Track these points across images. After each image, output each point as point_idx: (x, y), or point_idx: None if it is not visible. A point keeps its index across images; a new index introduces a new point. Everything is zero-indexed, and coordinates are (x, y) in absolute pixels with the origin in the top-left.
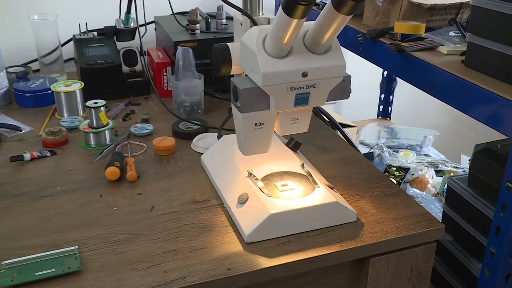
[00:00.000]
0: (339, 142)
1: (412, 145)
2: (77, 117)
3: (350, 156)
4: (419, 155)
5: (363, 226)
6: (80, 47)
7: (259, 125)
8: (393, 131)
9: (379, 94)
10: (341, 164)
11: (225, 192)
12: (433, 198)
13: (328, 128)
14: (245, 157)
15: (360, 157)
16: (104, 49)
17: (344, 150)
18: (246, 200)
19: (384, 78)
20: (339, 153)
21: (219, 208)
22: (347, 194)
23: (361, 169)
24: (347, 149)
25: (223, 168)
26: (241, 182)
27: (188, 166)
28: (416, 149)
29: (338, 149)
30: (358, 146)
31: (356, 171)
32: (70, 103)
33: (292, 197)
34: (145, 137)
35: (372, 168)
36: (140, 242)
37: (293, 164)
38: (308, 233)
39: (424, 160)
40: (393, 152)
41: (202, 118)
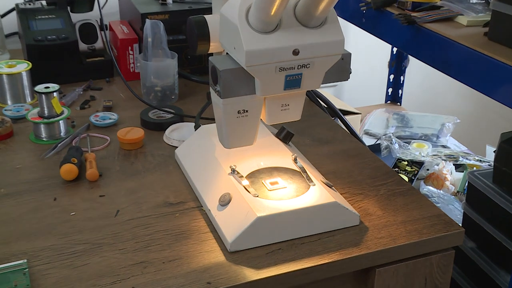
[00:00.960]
0: (339, 132)
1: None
2: (24, 105)
3: (353, 148)
4: (436, 146)
5: (367, 230)
6: (26, 19)
7: (243, 113)
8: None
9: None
10: (342, 158)
11: (204, 193)
12: (452, 197)
13: (326, 116)
14: (227, 151)
15: (364, 149)
16: (55, 22)
17: (345, 142)
18: (228, 202)
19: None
20: (339, 145)
21: (197, 212)
22: (348, 193)
23: (365, 164)
24: (348, 141)
25: (202, 164)
26: (223, 180)
27: (160, 162)
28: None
29: (337, 140)
30: (362, 136)
31: (359, 166)
32: (15, 88)
33: (283, 197)
34: (108, 128)
35: (379, 163)
36: (103, 253)
37: (284, 158)
38: (302, 240)
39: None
40: (404, 144)
41: (176, 105)
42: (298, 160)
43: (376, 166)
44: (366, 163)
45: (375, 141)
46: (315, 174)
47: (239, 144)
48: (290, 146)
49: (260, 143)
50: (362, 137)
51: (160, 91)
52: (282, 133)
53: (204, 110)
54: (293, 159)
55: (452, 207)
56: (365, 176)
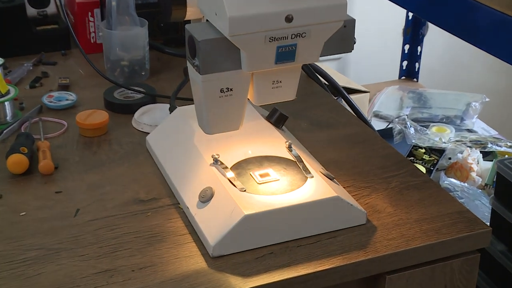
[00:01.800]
0: (342, 114)
1: (449, 116)
2: None
3: (359, 133)
4: (460, 130)
5: (375, 230)
6: None
7: (226, 92)
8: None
9: (402, 45)
10: (345, 144)
11: (181, 187)
12: (478, 191)
13: (327, 95)
14: (208, 137)
15: (373, 134)
16: None
17: (349, 126)
18: (210, 198)
19: (408, 22)
20: (343, 129)
21: (173, 210)
22: (353, 187)
23: (374, 152)
24: (354, 124)
25: (178, 153)
26: (204, 172)
27: (128, 152)
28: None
29: (341, 124)
30: (370, 119)
31: (366, 154)
32: None
33: (276, 191)
34: (64, 111)
35: (390, 150)
36: (61, 261)
37: (277, 145)
38: (298, 242)
39: (467, 137)
40: (421, 128)
41: (147, 83)
42: (293, 147)
43: (387, 154)
44: (375, 151)
45: (387, 125)
46: (313, 164)
47: (222, 129)
48: (283, 131)
49: (248, 127)
50: (371, 120)
51: (128, 66)
52: (274, 116)
53: (180, 88)
54: (287, 146)
55: (479, 202)
56: (374, 166)
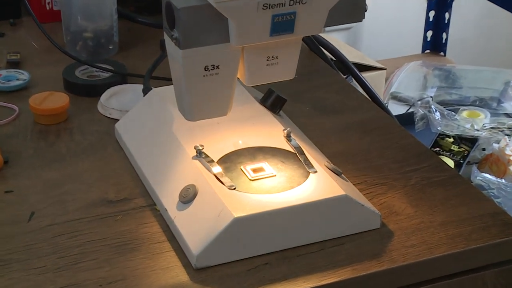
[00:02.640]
0: (352, 97)
1: (483, 98)
2: None
3: (372, 119)
4: (496, 115)
5: (391, 236)
6: None
7: (212, 70)
8: (451, 75)
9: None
10: (356, 133)
11: (158, 185)
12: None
13: (334, 73)
14: (190, 125)
15: (390, 121)
16: None
17: (361, 110)
18: (193, 197)
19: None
20: (353, 115)
21: (148, 212)
22: (364, 184)
23: (391, 142)
24: (367, 108)
25: (154, 145)
26: (185, 166)
27: (93, 143)
28: (491, 106)
29: (350, 108)
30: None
31: (381, 144)
32: None
33: (271, 189)
34: (15, 94)
35: (410, 140)
36: (12, 274)
37: (273, 134)
38: (298, 250)
39: (505, 124)
40: (449, 112)
41: (116, 59)
42: (293, 136)
43: (407, 144)
44: (392, 141)
45: (407, 109)
46: (317, 156)
47: (207, 115)
48: (280, 116)
49: (238, 113)
50: (388, 103)
51: (92, 38)
52: (270, 99)
53: (156, 66)
54: (286, 135)
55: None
56: (390, 159)
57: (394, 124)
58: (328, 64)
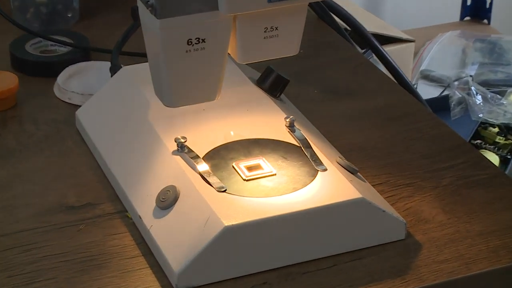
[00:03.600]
0: (372, 77)
1: None
2: None
3: (397, 104)
4: None
5: (419, 248)
6: None
7: (196, 44)
8: (496, 49)
9: None
10: (376, 122)
11: (130, 187)
12: None
13: (349, 47)
14: (170, 113)
15: (419, 107)
16: None
17: (383, 94)
18: (173, 202)
19: None
20: (372, 99)
21: (118, 220)
22: (386, 184)
23: (420, 132)
24: (390, 91)
25: (125, 137)
26: (163, 164)
27: (48, 134)
28: None
29: (369, 91)
30: (416, 83)
31: (407, 136)
32: None
33: (271, 192)
34: None
35: (444, 130)
36: None
37: (272, 123)
38: (305, 266)
39: None
40: (493, 95)
41: (76, 30)
42: (297, 126)
43: (439, 135)
44: (421, 131)
45: (440, 91)
46: (327, 150)
47: (191, 100)
48: (282, 101)
49: (229, 97)
50: (417, 84)
51: (46, 4)
52: (268, 79)
53: (126, 39)
54: (288, 124)
55: None
56: (418, 153)
57: (424, 111)
58: (341, 35)
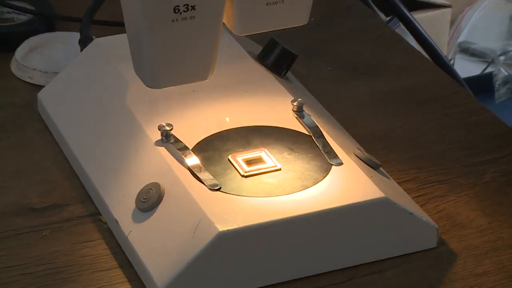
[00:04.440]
0: (398, 51)
1: None
2: None
3: (429, 84)
4: None
5: (455, 259)
6: None
7: (185, 13)
8: None
9: None
10: (402, 106)
11: (104, 185)
12: None
13: (370, 14)
14: (153, 95)
15: (455, 87)
16: None
17: (411, 71)
18: (157, 203)
19: None
20: (399, 78)
21: (90, 225)
22: (415, 182)
23: (456, 119)
24: (420, 68)
25: (98, 124)
26: (144, 156)
27: (5, 121)
28: None
29: (395, 67)
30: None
31: (441, 123)
32: None
33: (274, 190)
34: None
35: (485, 116)
36: None
37: (276, 108)
38: (316, 281)
39: None
40: None
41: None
42: (307, 111)
43: (480, 122)
44: (458, 117)
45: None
46: (343, 140)
47: (178, 80)
48: (288, 81)
49: (225, 76)
50: (453, 59)
51: None
52: (272, 55)
53: (99, 5)
54: (296, 109)
55: None
56: (454, 144)
57: (462, 92)
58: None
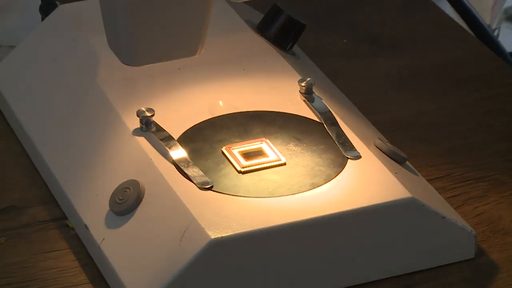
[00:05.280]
0: (430, 21)
1: None
2: None
3: (466, 61)
4: None
5: (496, 272)
6: None
7: None
8: None
9: None
10: (434, 87)
11: (72, 183)
12: None
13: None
14: (130, 74)
15: (498, 64)
16: None
17: (445, 44)
18: (135, 204)
19: None
20: (429, 53)
21: (55, 231)
22: (449, 179)
23: (498, 103)
24: (456, 40)
25: (63, 108)
26: (120, 148)
27: None
28: None
29: (426, 40)
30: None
31: (479, 107)
32: None
33: (278, 189)
34: None
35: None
36: None
37: (281, 89)
38: None
39: None
40: None
41: None
42: (317, 93)
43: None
44: (501, 100)
45: None
46: (361, 128)
47: (161, 56)
48: (295, 56)
49: (218, 50)
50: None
51: None
52: (276, 24)
53: None
54: (304, 90)
55: None
56: (496, 133)
57: (507, 69)
58: None
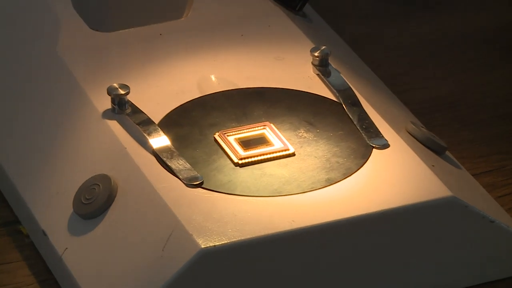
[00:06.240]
0: None
1: None
2: None
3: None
4: None
5: None
6: None
7: None
8: None
9: None
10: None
11: (27, 180)
12: None
13: None
14: (98, 42)
15: None
16: None
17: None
18: (107, 205)
19: None
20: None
21: (7, 238)
22: (499, 173)
23: None
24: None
25: (17, 83)
26: (88, 134)
27: None
28: None
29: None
30: None
31: None
32: None
33: (284, 186)
34: None
35: None
36: None
37: (289, 61)
38: None
39: None
40: None
41: None
42: (333, 64)
43: None
44: None
45: None
46: (390, 109)
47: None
48: (307, 19)
49: (210, 12)
50: None
51: None
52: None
53: None
54: (318, 62)
55: None
56: None
57: None
58: None
